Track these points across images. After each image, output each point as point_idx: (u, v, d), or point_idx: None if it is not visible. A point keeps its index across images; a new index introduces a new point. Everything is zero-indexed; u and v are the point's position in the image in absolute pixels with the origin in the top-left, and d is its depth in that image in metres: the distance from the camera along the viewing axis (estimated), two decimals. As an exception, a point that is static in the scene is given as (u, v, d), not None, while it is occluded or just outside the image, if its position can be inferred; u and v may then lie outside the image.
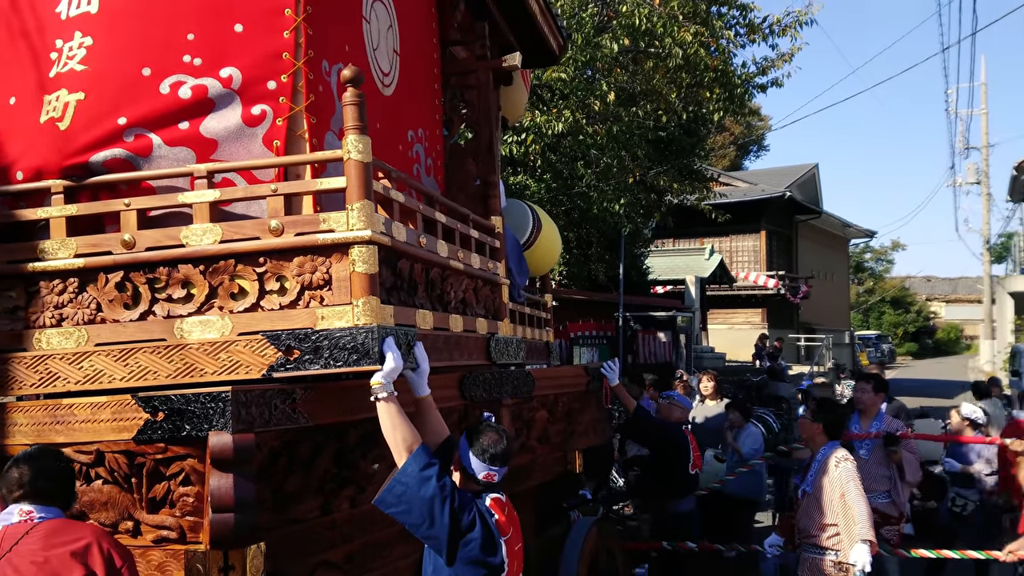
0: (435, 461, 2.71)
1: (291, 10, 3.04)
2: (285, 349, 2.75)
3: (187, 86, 3.04)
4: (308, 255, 2.81)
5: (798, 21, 11.55)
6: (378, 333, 2.70)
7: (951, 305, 59.70)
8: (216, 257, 2.87)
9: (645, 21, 10.07)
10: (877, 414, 5.72)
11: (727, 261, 25.41)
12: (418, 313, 3.17)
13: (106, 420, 2.68)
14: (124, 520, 2.73)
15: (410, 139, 4.11)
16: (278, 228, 2.83)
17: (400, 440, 2.73)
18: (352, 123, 2.80)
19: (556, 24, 5.53)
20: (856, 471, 4.64)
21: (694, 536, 5.74)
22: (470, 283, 3.83)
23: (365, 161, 2.80)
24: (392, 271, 3.00)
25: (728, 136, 30.32)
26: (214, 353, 2.81)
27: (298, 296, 2.82)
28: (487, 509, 2.80)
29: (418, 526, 2.69)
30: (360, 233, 2.76)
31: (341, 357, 2.71)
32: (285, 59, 3.04)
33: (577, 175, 11.36)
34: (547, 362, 5.37)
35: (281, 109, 3.04)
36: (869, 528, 4.46)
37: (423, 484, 2.66)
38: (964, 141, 30.78)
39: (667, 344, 15.17)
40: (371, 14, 3.71)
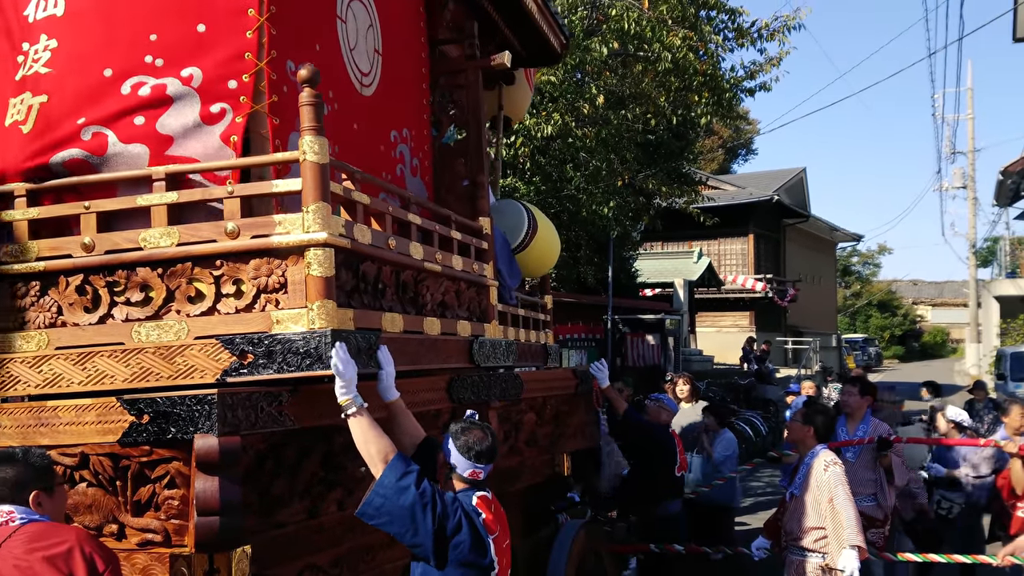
0: (413, 468, 2.68)
1: (254, 10, 3.02)
2: (239, 353, 2.71)
3: (147, 86, 3.04)
4: (264, 258, 2.78)
5: (786, 26, 11.60)
6: (332, 337, 2.66)
7: (937, 309, 60.05)
8: (173, 260, 2.85)
9: (634, 25, 10.10)
10: (864, 417, 5.74)
11: (715, 264, 25.48)
12: (386, 316, 3.13)
13: (91, 423, 2.67)
14: (109, 523, 2.72)
15: (393, 139, 4.09)
16: (234, 231, 2.80)
17: (375, 452, 2.70)
18: (309, 124, 2.77)
19: (557, 23, 5.51)
20: (844, 475, 4.65)
21: (681, 539, 5.74)
22: (451, 285, 3.80)
23: (321, 162, 2.76)
24: (354, 274, 2.97)
25: (716, 140, 30.45)
26: (170, 357, 2.78)
27: (254, 299, 2.79)
28: (473, 508, 2.78)
29: (402, 535, 2.67)
30: (315, 236, 2.72)
31: (294, 361, 2.68)
32: (247, 59, 3.02)
33: (566, 178, 11.37)
34: (543, 365, 5.32)
35: (241, 107, 3.02)
36: (858, 533, 4.47)
37: (401, 494, 2.63)
38: (950, 145, 31.01)
39: (655, 347, 15.17)
40: (347, 14, 3.69)
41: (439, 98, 4.78)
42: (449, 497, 2.74)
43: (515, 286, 4.87)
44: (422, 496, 2.64)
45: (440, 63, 4.76)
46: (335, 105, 3.53)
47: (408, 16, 4.35)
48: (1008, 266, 28.83)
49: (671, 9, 10.42)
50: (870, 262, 56.28)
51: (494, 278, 4.36)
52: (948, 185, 31.51)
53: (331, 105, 3.49)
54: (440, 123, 4.79)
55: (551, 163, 11.28)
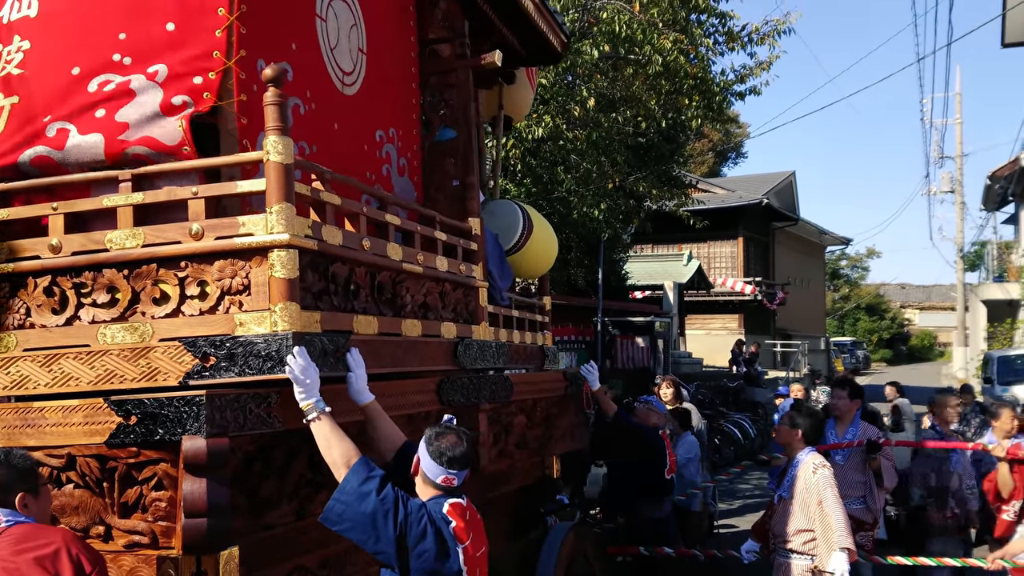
0: (375, 474, 2.62)
1: (224, 9, 3.01)
2: (201, 356, 2.69)
3: (113, 83, 3.04)
4: (229, 259, 2.75)
5: (776, 30, 11.64)
6: (293, 340, 2.62)
7: (925, 312, 60.40)
8: (139, 262, 2.83)
9: (625, 28, 10.11)
10: (853, 420, 5.77)
11: (705, 267, 25.57)
12: (359, 318, 3.10)
13: (78, 424, 2.65)
14: (95, 525, 2.70)
15: (379, 139, 4.07)
16: (199, 232, 2.78)
17: (337, 457, 2.65)
18: (273, 124, 2.73)
19: (556, 21, 5.50)
20: (833, 478, 4.67)
21: (670, 541, 5.75)
22: (434, 286, 3.77)
23: (285, 163, 2.73)
24: (322, 275, 2.93)
25: (707, 143, 30.56)
26: (134, 359, 2.75)
27: (218, 301, 2.76)
28: (443, 516, 2.68)
29: (364, 542, 2.60)
30: (278, 237, 2.69)
31: (255, 364, 2.64)
32: (215, 57, 3.00)
33: (557, 180, 11.38)
34: (540, 366, 5.27)
35: (204, 102, 2.99)
36: (847, 535, 4.48)
37: (363, 499, 2.56)
38: (939, 150, 31.23)
39: (645, 349, 15.20)
40: (328, 12, 3.67)
41: (430, 98, 4.76)
42: (415, 504, 2.65)
43: (506, 287, 4.84)
44: (383, 502, 2.56)
45: (431, 63, 4.74)
46: (313, 105, 3.51)
47: (396, 15, 4.33)
48: (995, 270, 29.02)
49: (662, 12, 10.44)
50: (859, 265, 56.63)
51: (484, 279, 4.35)
52: (936, 189, 31.76)
53: (308, 105, 3.48)
54: (431, 123, 4.77)
55: (542, 165, 11.29)
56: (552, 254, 5.56)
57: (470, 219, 4.32)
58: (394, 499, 2.58)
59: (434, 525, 2.62)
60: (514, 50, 5.64)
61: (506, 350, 4.47)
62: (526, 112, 6.69)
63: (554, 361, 5.53)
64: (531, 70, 6.13)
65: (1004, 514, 5.37)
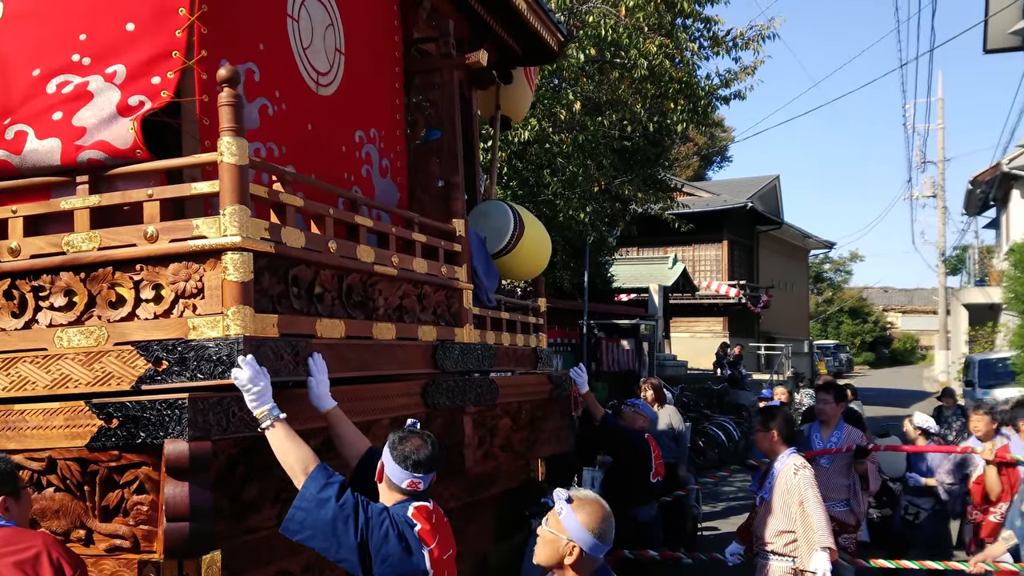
0: (335, 480, 2.56)
1: (185, 9, 2.99)
2: (154, 360, 2.66)
3: (72, 84, 3.03)
4: (183, 262, 2.73)
5: (761, 35, 11.70)
6: (244, 344, 2.59)
7: (907, 316, 60.82)
8: (95, 265, 2.81)
9: (611, 32, 10.13)
10: (838, 424, 5.80)
11: (690, 270, 25.65)
12: (322, 322, 3.06)
13: (59, 427, 2.63)
14: (76, 528, 2.68)
15: (359, 140, 4.04)
16: (153, 235, 2.76)
17: (295, 463, 2.58)
18: (227, 124, 2.71)
19: (552, 20, 5.48)
20: (814, 478, 4.69)
21: (656, 544, 5.76)
22: (411, 289, 3.73)
23: (239, 164, 2.70)
24: (281, 278, 2.90)
25: (692, 147, 30.65)
26: (88, 363, 2.73)
27: (172, 305, 2.74)
28: (407, 519, 2.61)
29: (327, 550, 2.53)
30: (231, 239, 2.66)
31: (207, 369, 2.61)
32: (175, 58, 2.98)
33: (543, 183, 11.38)
34: (533, 369, 5.22)
35: (161, 100, 2.97)
36: (828, 535, 4.50)
37: (322, 506, 2.51)
38: (921, 155, 31.51)
39: (630, 352, 15.23)
40: (300, 12, 3.65)
41: (415, 98, 4.73)
42: (376, 508, 2.58)
43: (493, 288, 4.81)
44: (342, 508, 2.50)
45: (416, 62, 4.71)
46: (283, 105, 3.49)
47: (379, 15, 4.30)
48: (977, 274, 29.25)
49: (647, 16, 10.47)
50: (842, 269, 57.01)
51: (469, 280, 4.32)
52: (918, 194, 32.02)
53: (278, 105, 3.46)
54: (416, 123, 4.73)
55: (528, 168, 11.30)
56: (545, 255, 5.50)
57: (454, 220, 4.28)
58: (354, 504, 2.52)
59: (397, 528, 2.56)
60: (510, 50, 5.63)
61: (492, 353, 4.45)
62: (524, 112, 6.65)
63: (548, 363, 5.48)
64: (529, 70, 6.10)
65: (992, 515, 5.41)
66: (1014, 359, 14.00)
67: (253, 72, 3.34)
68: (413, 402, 3.64)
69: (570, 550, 2.48)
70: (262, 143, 3.38)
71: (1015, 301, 13.38)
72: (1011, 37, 21.54)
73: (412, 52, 4.71)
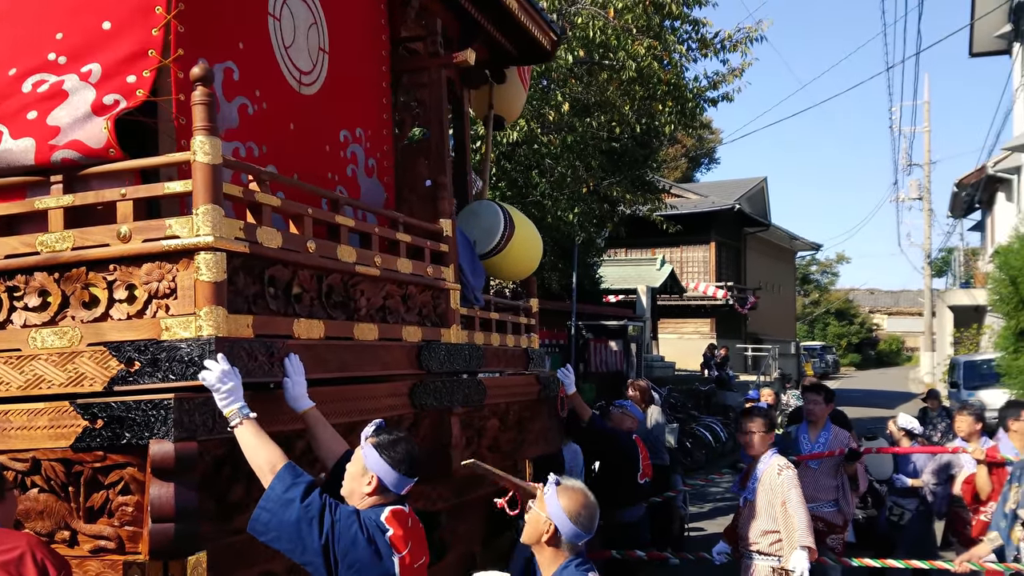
0: (301, 480, 2.50)
1: (162, 8, 2.97)
2: (126, 361, 2.64)
3: (47, 83, 3.01)
4: (157, 262, 2.70)
5: (748, 37, 11.75)
6: (216, 345, 2.57)
7: (893, 317, 61.20)
8: (68, 265, 2.79)
9: (599, 33, 10.16)
10: (825, 425, 5.84)
11: (678, 271, 25.73)
12: (300, 323, 3.03)
13: (43, 427, 2.61)
14: (61, 530, 2.67)
15: (344, 139, 4.02)
16: (126, 235, 2.73)
17: (263, 463, 2.54)
18: (200, 123, 2.68)
19: (544, 19, 5.46)
20: (797, 479, 4.71)
21: (643, 545, 5.77)
22: (395, 289, 3.70)
23: (212, 163, 2.68)
24: (256, 278, 2.88)
25: (680, 148, 30.72)
26: (62, 364, 2.70)
27: (145, 305, 2.72)
28: (379, 524, 2.53)
29: (292, 552, 2.48)
30: (204, 239, 2.63)
31: (179, 370, 2.59)
32: (151, 56, 2.96)
33: (532, 184, 11.39)
34: (524, 369, 5.19)
35: (136, 100, 2.95)
36: (808, 535, 4.52)
37: (287, 507, 2.45)
38: (907, 158, 31.69)
39: (618, 353, 15.26)
40: (282, 11, 3.63)
41: (403, 97, 4.70)
42: (345, 511, 2.51)
43: (479, 287, 4.78)
44: (307, 509, 2.44)
45: (404, 61, 4.68)
46: (263, 104, 3.47)
47: (365, 13, 4.28)
48: (962, 276, 29.44)
49: (636, 19, 10.50)
50: (828, 271, 57.31)
51: (456, 280, 4.30)
52: (904, 196, 32.22)
53: (258, 104, 3.44)
54: (404, 123, 4.71)
55: (517, 169, 11.30)
56: (536, 255, 5.46)
57: (441, 220, 4.24)
58: (320, 506, 2.46)
59: (366, 533, 2.49)
60: (503, 49, 5.62)
61: (480, 353, 4.43)
62: (518, 112, 6.62)
63: (540, 364, 5.44)
64: (523, 69, 6.07)
65: (982, 515, 5.45)
66: (999, 361, 14.09)
67: (232, 71, 3.32)
68: (400, 403, 3.63)
69: (547, 527, 2.65)
70: (241, 142, 3.36)
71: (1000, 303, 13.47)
72: (997, 40, 21.73)
73: (400, 51, 4.69)
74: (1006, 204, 22.12)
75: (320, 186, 3.67)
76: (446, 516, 4.30)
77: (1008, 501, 4.55)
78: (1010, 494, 4.56)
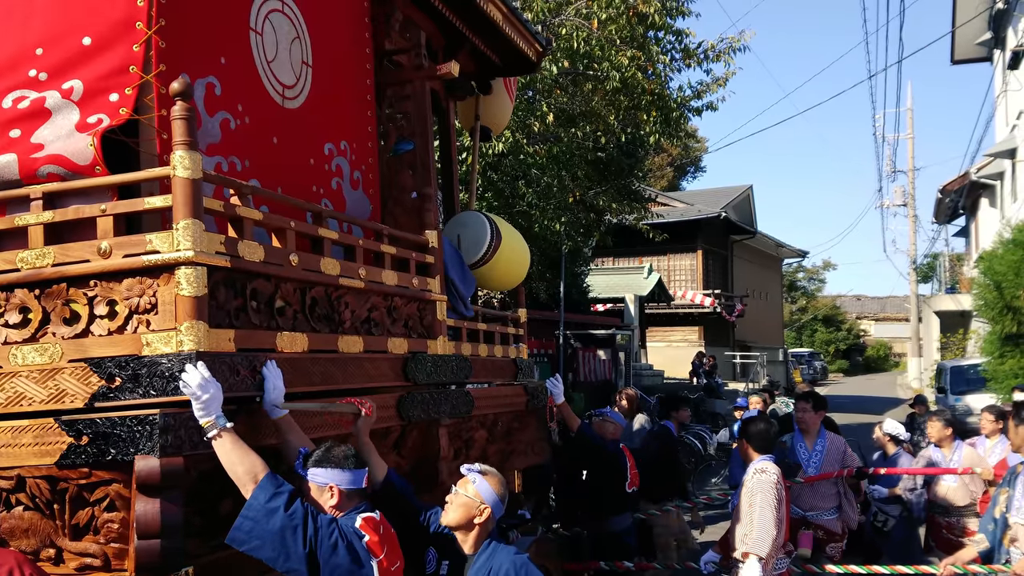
0: (283, 489, 2.55)
1: (142, 23, 2.97)
2: (107, 377, 2.63)
3: (28, 100, 3.01)
4: (138, 277, 2.70)
5: (731, 47, 11.86)
6: (196, 360, 2.56)
7: (880, 323, 61.46)
8: (49, 281, 2.78)
9: (584, 44, 10.23)
10: (820, 432, 5.84)
11: (665, 280, 25.81)
12: (283, 336, 3.02)
13: (27, 444, 2.60)
14: (46, 547, 2.65)
15: (328, 152, 4.03)
16: (107, 250, 2.73)
17: (243, 473, 2.55)
18: (180, 138, 2.68)
19: (529, 31, 5.48)
20: (770, 483, 4.58)
21: (630, 554, 5.77)
22: (380, 301, 3.70)
23: (193, 178, 2.67)
24: (238, 292, 2.87)
25: (666, 157, 30.90)
26: (43, 381, 2.69)
27: (126, 321, 2.71)
28: (355, 531, 2.63)
29: (275, 560, 2.51)
30: (184, 254, 2.63)
31: (159, 385, 2.58)
32: (132, 72, 2.96)
33: (518, 194, 11.43)
34: (512, 380, 5.18)
35: (120, 118, 2.95)
36: (762, 543, 4.40)
37: (270, 516, 2.49)
38: (891, 164, 31.99)
39: (606, 362, 15.29)
40: (264, 25, 3.63)
41: (388, 109, 4.70)
42: (325, 519, 2.59)
43: (469, 295, 4.78)
44: (291, 518, 2.49)
45: (389, 74, 4.69)
46: (246, 119, 3.47)
47: (349, 27, 4.28)
48: (947, 282, 29.67)
49: (620, 29, 10.58)
50: (815, 278, 57.53)
51: (444, 292, 4.30)
52: (889, 203, 32.41)
53: (241, 119, 3.44)
54: (388, 135, 4.71)
55: (503, 179, 11.33)
56: (523, 265, 5.46)
57: (427, 231, 4.24)
58: (303, 514, 2.53)
59: (346, 539, 2.57)
60: (489, 60, 5.64)
61: (468, 364, 4.43)
62: (505, 123, 6.64)
63: (528, 374, 5.43)
64: (509, 80, 6.10)
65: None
66: (985, 365, 14.19)
67: (214, 86, 3.31)
68: (388, 414, 3.63)
69: (481, 511, 2.96)
70: (224, 157, 3.36)
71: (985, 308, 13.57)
72: (978, 48, 21.96)
73: (385, 64, 4.70)
74: (989, 210, 22.31)
75: (305, 199, 3.67)
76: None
77: (998, 504, 4.56)
78: (1000, 497, 4.58)
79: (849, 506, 5.66)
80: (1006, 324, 12.92)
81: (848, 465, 5.75)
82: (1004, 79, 19.78)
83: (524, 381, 5.33)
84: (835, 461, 5.72)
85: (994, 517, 4.59)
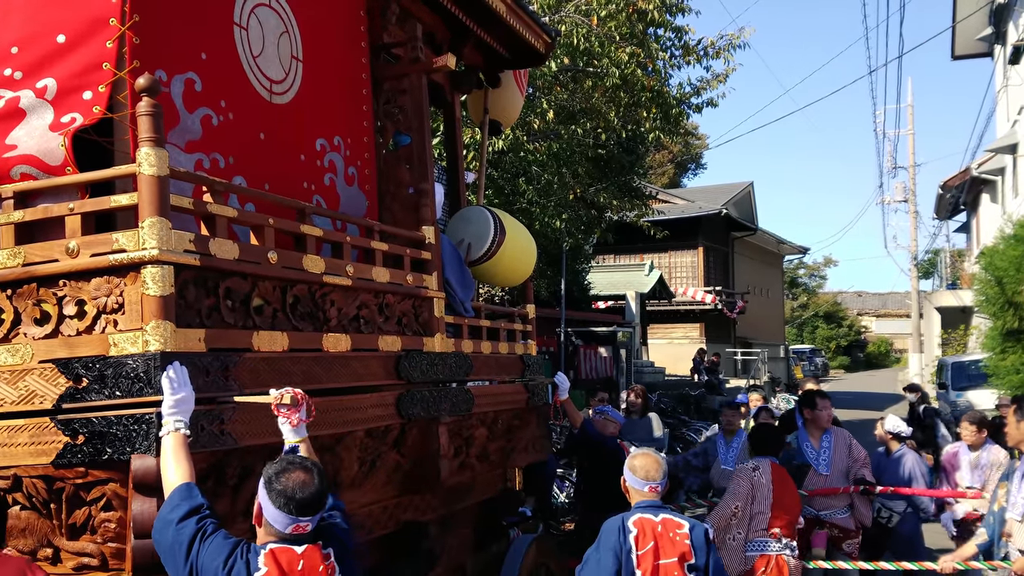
0: (188, 502, 2.33)
1: (116, 19, 2.93)
2: (74, 378, 2.59)
3: (3, 100, 2.98)
4: (105, 277, 2.65)
5: (731, 44, 11.84)
6: (161, 360, 2.52)
7: (881, 319, 61.48)
8: (20, 281, 2.74)
9: (583, 41, 10.20)
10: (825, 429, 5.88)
11: (666, 277, 25.80)
12: (259, 335, 2.95)
13: (23, 444, 2.59)
14: (43, 547, 2.65)
15: (320, 148, 3.97)
16: (75, 250, 2.69)
17: (171, 479, 2.38)
18: (147, 135, 2.63)
19: (536, 22, 5.40)
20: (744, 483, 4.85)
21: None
22: (370, 299, 3.64)
23: (159, 175, 2.62)
24: (210, 291, 2.82)
25: (666, 154, 30.83)
26: (13, 382, 2.66)
27: (94, 321, 2.67)
28: (252, 562, 2.29)
29: (172, 574, 2.32)
30: (150, 252, 2.58)
31: (125, 386, 2.54)
32: (105, 69, 2.91)
33: (518, 191, 11.41)
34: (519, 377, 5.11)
35: (93, 117, 2.91)
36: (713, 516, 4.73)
37: (166, 528, 2.32)
38: (892, 160, 31.78)
39: (608, 359, 15.28)
40: (249, 20, 3.58)
41: (385, 104, 4.65)
42: (218, 542, 2.30)
43: (468, 298, 4.73)
44: (179, 533, 2.28)
45: (386, 68, 4.63)
46: (229, 115, 3.43)
47: (343, 21, 4.23)
48: (948, 278, 29.60)
49: (619, 26, 10.56)
50: (816, 274, 57.52)
51: (441, 288, 4.24)
52: (890, 199, 32.33)
53: (224, 115, 3.40)
54: (385, 129, 4.66)
55: (503, 177, 11.31)
56: (530, 261, 5.35)
57: (424, 227, 4.18)
58: (192, 533, 2.29)
59: (228, 569, 2.27)
60: (495, 53, 5.58)
61: (468, 362, 4.38)
62: (515, 116, 6.51)
63: (537, 371, 5.33)
64: (519, 73, 6.01)
65: None
66: (986, 361, 14.16)
67: (194, 81, 3.26)
68: (387, 413, 3.61)
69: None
70: (205, 153, 3.31)
71: (986, 304, 13.53)
72: (978, 43, 21.91)
73: (383, 57, 4.64)
74: (991, 205, 22.27)
75: (295, 196, 3.61)
76: (435, 526, 4.27)
77: (998, 499, 4.58)
78: (999, 492, 4.60)
79: (861, 503, 5.67)
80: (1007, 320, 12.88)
81: (855, 456, 5.76)
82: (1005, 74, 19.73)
83: (532, 378, 5.26)
84: (843, 455, 5.73)
85: (993, 511, 4.61)
